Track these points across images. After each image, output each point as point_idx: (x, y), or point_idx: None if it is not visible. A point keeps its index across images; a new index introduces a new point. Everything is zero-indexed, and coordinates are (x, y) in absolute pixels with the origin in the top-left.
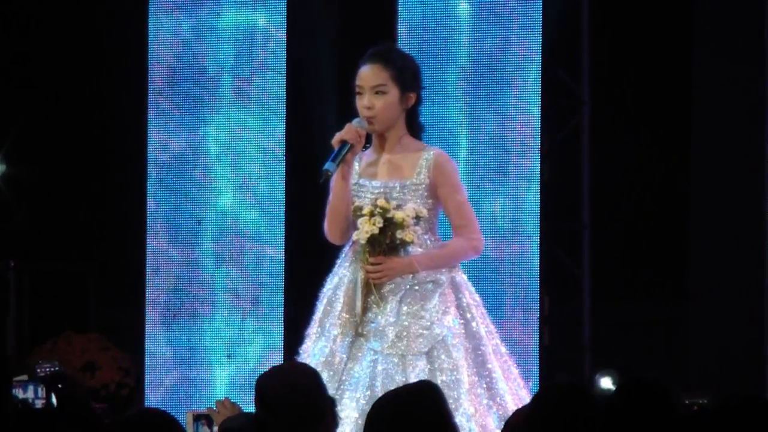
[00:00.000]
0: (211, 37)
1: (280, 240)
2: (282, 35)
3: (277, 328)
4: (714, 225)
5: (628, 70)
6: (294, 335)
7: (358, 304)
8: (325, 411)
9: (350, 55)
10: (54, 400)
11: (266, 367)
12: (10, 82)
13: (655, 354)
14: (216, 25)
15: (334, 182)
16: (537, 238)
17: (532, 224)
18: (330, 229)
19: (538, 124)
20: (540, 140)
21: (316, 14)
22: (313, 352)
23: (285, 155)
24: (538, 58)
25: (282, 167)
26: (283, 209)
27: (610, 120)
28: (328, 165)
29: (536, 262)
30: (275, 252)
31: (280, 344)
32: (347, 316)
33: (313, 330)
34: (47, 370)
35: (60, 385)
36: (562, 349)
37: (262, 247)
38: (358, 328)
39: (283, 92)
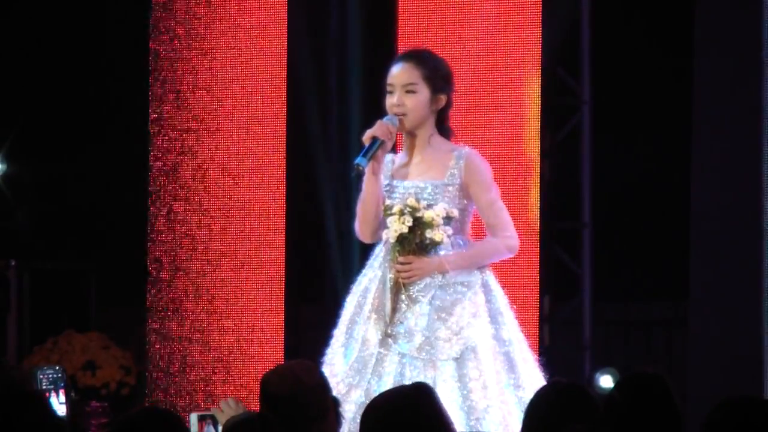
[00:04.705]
0: (212, 37)
1: (281, 239)
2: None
3: (279, 327)
4: (714, 224)
5: (628, 70)
6: (294, 335)
7: (388, 304)
8: (329, 410)
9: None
10: None
11: (269, 367)
12: (10, 82)
13: (655, 354)
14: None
15: (365, 179)
16: (537, 238)
17: (532, 223)
18: (360, 227)
19: (538, 123)
20: (540, 140)
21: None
22: (343, 357)
23: (285, 156)
24: (538, 57)
25: (284, 167)
26: (283, 209)
27: (610, 120)
28: (359, 159)
29: (536, 261)
30: (276, 251)
31: (281, 343)
32: (376, 316)
33: (341, 331)
34: None
35: None
36: (562, 348)
37: (263, 247)
38: (387, 329)
39: (283, 84)
